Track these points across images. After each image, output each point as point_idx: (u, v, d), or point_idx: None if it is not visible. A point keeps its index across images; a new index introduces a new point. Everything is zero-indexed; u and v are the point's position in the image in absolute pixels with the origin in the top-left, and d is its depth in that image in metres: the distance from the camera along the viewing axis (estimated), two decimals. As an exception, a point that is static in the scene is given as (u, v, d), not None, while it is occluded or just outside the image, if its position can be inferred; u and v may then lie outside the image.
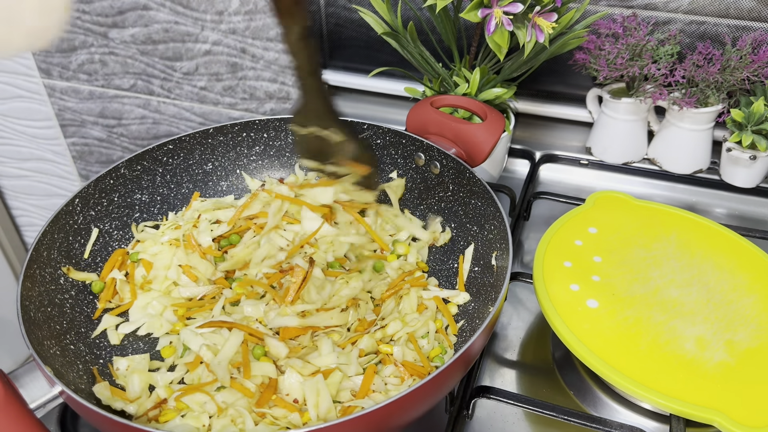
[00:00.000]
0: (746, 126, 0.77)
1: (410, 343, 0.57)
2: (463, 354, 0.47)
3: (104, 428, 0.46)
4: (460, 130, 0.68)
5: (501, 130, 0.67)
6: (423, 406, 0.48)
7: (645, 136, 0.86)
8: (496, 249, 0.60)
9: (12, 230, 1.59)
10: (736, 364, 0.54)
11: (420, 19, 0.80)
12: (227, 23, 1.09)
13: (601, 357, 0.54)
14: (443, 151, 0.66)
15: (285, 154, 0.75)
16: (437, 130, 0.69)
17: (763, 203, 0.83)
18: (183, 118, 1.26)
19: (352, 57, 1.01)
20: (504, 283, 0.53)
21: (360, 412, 0.42)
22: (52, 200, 1.54)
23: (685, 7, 0.81)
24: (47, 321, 0.55)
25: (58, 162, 1.47)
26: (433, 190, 0.68)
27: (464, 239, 0.66)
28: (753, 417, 0.49)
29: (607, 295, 0.60)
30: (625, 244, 0.66)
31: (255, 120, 0.73)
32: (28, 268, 0.56)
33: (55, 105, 1.36)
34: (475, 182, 0.63)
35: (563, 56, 0.81)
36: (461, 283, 0.64)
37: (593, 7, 0.85)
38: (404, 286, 0.62)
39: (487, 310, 0.56)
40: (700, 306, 0.59)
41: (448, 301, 0.63)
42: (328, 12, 0.98)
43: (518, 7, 0.64)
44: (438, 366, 0.55)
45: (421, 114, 0.70)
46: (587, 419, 0.53)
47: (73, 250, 0.63)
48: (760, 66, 0.76)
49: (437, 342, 0.59)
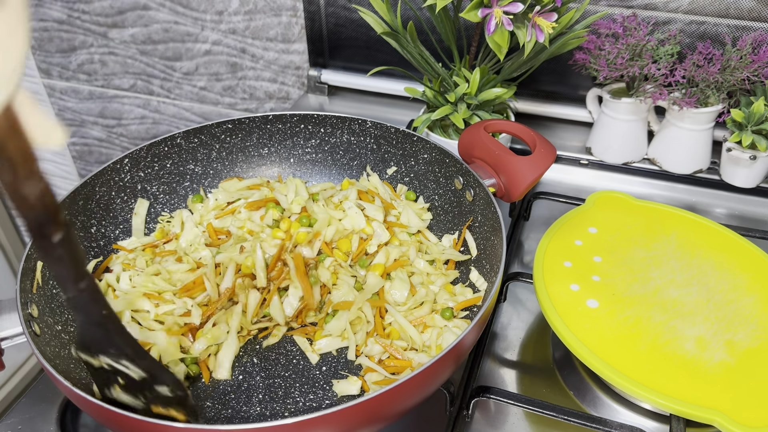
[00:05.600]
0: (746, 126, 0.77)
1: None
2: (455, 347, 0.47)
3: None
4: (502, 159, 0.65)
5: (547, 166, 0.64)
6: (413, 398, 0.48)
7: (645, 136, 0.86)
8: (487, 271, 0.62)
9: (12, 230, 1.59)
10: (736, 364, 0.54)
11: (420, 19, 0.80)
12: (227, 23, 1.09)
13: (601, 357, 0.54)
14: (479, 180, 0.64)
15: (339, 152, 0.76)
16: (482, 155, 0.67)
17: (763, 203, 0.83)
18: (183, 118, 1.26)
19: (352, 57, 1.01)
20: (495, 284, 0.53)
21: (350, 403, 0.42)
22: (51, 200, 1.54)
23: (685, 7, 0.81)
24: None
25: (58, 162, 1.47)
26: (465, 215, 0.68)
27: (474, 262, 0.66)
28: (753, 417, 0.49)
29: (607, 295, 0.60)
30: (625, 244, 0.66)
31: (314, 114, 0.75)
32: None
33: (55, 105, 1.35)
34: (495, 220, 0.61)
35: (563, 56, 0.81)
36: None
37: (593, 7, 0.85)
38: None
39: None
40: (700, 306, 0.59)
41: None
42: (328, 12, 0.98)
43: (518, 7, 0.64)
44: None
45: (472, 136, 0.68)
46: (587, 419, 0.53)
47: (113, 206, 0.67)
48: (760, 66, 0.76)
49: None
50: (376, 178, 0.73)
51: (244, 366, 0.58)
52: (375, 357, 0.57)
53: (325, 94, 1.06)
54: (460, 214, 0.69)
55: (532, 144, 0.66)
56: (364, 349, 0.58)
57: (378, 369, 0.56)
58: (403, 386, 0.44)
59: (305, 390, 0.56)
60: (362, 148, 0.75)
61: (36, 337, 0.50)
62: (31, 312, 0.52)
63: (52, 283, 0.57)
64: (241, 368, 0.58)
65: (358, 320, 0.60)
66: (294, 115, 0.75)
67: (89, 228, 0.64)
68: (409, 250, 0.66)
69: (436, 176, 0.71)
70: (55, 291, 0.57)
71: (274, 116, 0.74)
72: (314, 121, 0.75)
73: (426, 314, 0.60)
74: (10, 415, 0.57)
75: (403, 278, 0.62)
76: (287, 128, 0.76)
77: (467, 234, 0.66)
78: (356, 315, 0.60)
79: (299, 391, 0.56)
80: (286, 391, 0.56)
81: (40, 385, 0.60)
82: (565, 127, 0.95)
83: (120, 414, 0.42)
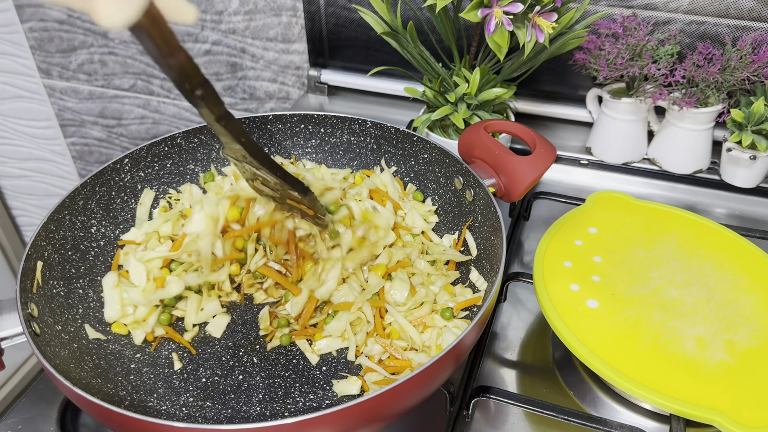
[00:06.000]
0: (746, 126, 0.77)
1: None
2: (455, 347, 0.47)
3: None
4: (502, 159, 0.65)
5: (547, 166, 0.64)
6: (413, 398, 0.48)
7: (645, 136, 0.86)
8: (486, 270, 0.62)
9: (12, 230, 1.59)
10: (736, 364, 0.54)
11: (420, 19, 0.80)
12: (227, 23, 1.09)
13: (601, 357, 0.54)
14: (479, 180, 0.64)
15: (339, 152, 0.76)
16: (482, 155, 0.67)
17: (763, 203, 0.83)
18: (183, 118, 1.26)
19: (352, 57, 1.01)
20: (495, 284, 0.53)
21: (350, 403, 0.42)
22: (51, 200, 1.54)
23: (685, 7, 0.81)
24: (63, 263, 0.59)
25: (57, 162, 1.47)
26: (465, 215, 0.68)
27: (474, 263, 0.66)
28: (753, 417, 0.49)
29: (607, 295, 0.60)
30: (625, 244, 0.66)
31: (314, 114, 0.75)
32: (57, 213, 0.60)
33: (55, 105, 1.35)
34: (495, 220, 0.61)
35: (563, 56, 0.81)
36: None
37: (593, 7, 0.85)
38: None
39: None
40: (700, 306, 0.59)
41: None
42: (328, 12, 0.98)
43: (518, 7, 0.64)
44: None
45: (472, 136, 0.68)
46: (587, 419, 0.53)
47: (113, 206, 0.67)
48: (760, 66, 0.76)
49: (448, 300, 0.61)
50: (387, 175, 0.72)
51: (244, 366, 0.58)
52: (375, 357, 0.57)
53: (325, 94, 1.06)
54: (460, 214, 0.68)
55: (532, 144, 0.66)
56: (364, 349, 0.58)
57: (378, 369, 0.56)
58: (403, 386, 0.44)
59: (305, 390, 0.56)
60: (362, 148, 0.75)
61: (36, 337, 0.50)
62: (31, 312, 0.52)
63: (53, 282, 0.57)
64: (241, 368, 0.58)
65: (358, 321, 0.60)
66: (294, 115, 0.75)
67: (89, 228, 0.64)
68: (413, 252, 0.66)
69: (436, 176, 0.71)
70: (55, 291, 0.58)
71: (274, 116, 0.74)
72: (314, 121, 0.75)
73: (426, 314, 0.60)
74: (10, 415, 0.57)
75: (404, 279, 0.62)
76: (287, 128, 0.76)
77: (467, 234, 0.66)
78: (356, 315, 0.60)
79: (299, 391, 0.56)
80: (286, 391, 0.56)
81: (40, 385, 0.60)
82: (565, 127, 0.95)
83: (120, 414, 0.42)
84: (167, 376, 0.57)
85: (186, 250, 0.63)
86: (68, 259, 0.61)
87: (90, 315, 0.60)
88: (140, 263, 0.62)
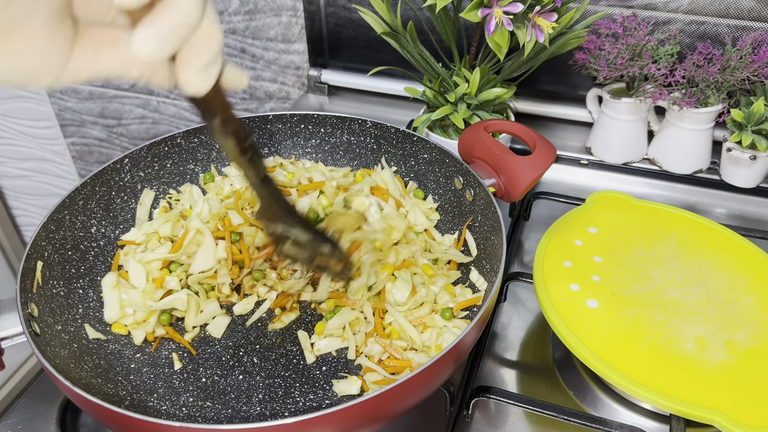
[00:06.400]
0: (746, 126, 0.77)
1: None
2: (455, 347, 0.47)
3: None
4: (502, 159, 0.65)
5: (547, 166, 0.64)
6: (413, 398, 0.48)
7: (645, 136, 0.86)
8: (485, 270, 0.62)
9: (12, 230, 1.59)
10: (736, 364, 0.54)
11: (420, 19, 0.80)
12: (227, 23, 1.09)
13: (601, 357, 0.54)
14: (479, 180, 0.64)
15: (339, 152, 0.76)
16: (482, 155, 0.67)
17: (763, 203, 0.83)
18: (183, 118, 1.26)
19: (352, 57, 1.01)
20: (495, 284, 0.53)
21: (350, 402, 0.42)
22: (51, 200, 1.54)
23: (685, 7, 0.81)
24: (63, 263, 0.59)
25: (57, 162, 1.47)
26: (465, 215, 0.68)
27: (474, 263, 0.66)
28: (753, 417, 0.49)
29: (607, 295, 0.60)
30: (625, 244, 0.66)
31: (314, 114, 0.75)
32: (57, 213, 0.60)
33: (55, 105, 1.35)
34: (495, 220, 0.61)
35: (563, 56, 0.81)
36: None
37: (593, 7, 0.85)
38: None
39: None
40: (700, 306, 0.59)
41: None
42: (328, 12, 0.98)
43: (518, 7, 0.64)
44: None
45: (472, 136, 0.68)
46: (587, 419, 0.53)
47: (113, 206, 0.67)
48: (760, 66, 0.76)
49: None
50: (388, 173, 0.72)
51: (244, 366, 0.58)
52: (375, 357, 0.57)
53: (325, 94, 1.06)
54: (460, 214, 0.69)
55: (532, 144, 0.66)
56: (363, 349, 0.58)
57: (378, 369, 0.56)
58: (403, 386, 0.44)
59: (305, 390, 0.56)
60: (362, 148, 0.75)
61: (36, 336, 0.50)
62: (31, 312, 0.52)
63: (53, 282, 0.57)
64: (241, 368, 0.58)
65: (357, 320, 0.60)
66: (294, 115, 0.75)
67: (89, 228, 0.64)
68: (417, 250, 0.65)
69: (436, 176, 0.71)
70: (55, 291, 0.58)
71: (274, 116, 0.74)
72: (314, 121, 0.75)
73: (426, 314, 0.60)
74: (10, 415, 0.57)
75: (406, 278, 0.62)
76: (287, 128, 0.76)
77: (467, 234, 0.66)
78: (356, 315, 0.60)
79: (299, 391, 0.56)
80: (286, 391, 0.56)
81: (40, 385, 0.60)
82: (565, 127, 0.95)
83: (120, 414, 0.42)
84: (167, 376, 0.57)
85: (186, 252, 0.63)
86: (68, 259, 0.61)
87: (90, 315, 0.60)
88: (140, 264, 0.62)
